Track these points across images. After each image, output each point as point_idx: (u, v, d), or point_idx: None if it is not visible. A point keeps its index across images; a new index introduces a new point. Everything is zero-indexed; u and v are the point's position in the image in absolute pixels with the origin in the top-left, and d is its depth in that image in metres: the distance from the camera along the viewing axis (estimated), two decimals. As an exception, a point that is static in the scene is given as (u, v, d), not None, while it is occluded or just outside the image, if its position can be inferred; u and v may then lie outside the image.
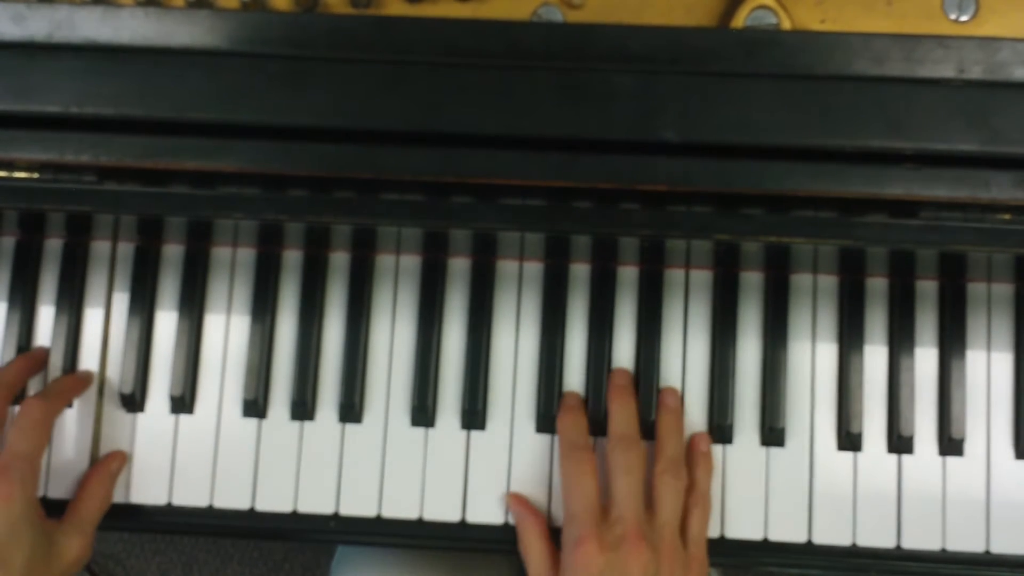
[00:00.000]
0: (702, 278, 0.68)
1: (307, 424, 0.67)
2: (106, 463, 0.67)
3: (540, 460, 0.66)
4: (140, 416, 0.68)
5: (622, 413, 0.65)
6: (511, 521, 0.65)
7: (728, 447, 0.66)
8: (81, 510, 0.65)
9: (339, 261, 0.69)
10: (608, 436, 0.64)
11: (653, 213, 0.58)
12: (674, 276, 0.68)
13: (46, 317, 0.69)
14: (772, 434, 0.66)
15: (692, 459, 0.65)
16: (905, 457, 0.66)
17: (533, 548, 0.63)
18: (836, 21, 0.58)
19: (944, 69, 0.53)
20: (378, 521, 0.66)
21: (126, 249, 0.69)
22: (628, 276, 0.68)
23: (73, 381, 0.67)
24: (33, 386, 0.68)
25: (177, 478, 0.67)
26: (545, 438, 0.67)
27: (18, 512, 0.59)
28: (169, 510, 0.67)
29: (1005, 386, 0.66)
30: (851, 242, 0.59)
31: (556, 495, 0.66)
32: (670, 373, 0.67)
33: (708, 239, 0.63)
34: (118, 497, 0.67)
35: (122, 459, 0.67)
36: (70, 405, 0.68)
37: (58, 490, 0.67)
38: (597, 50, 0.53)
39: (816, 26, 0.58)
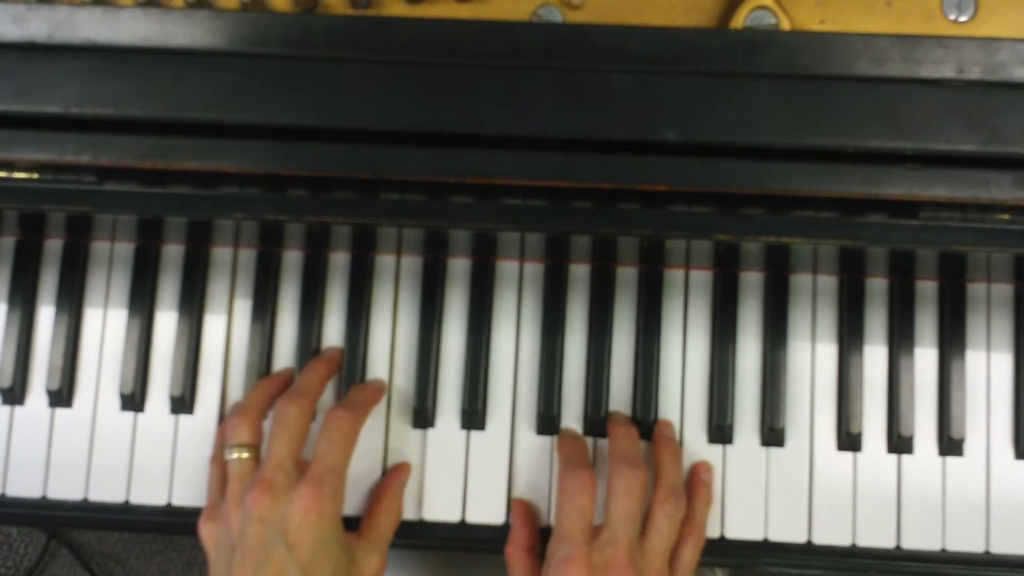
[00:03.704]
0: (702, 278, 0.68)
1: (307, 424, 0.67)
2: (396, 476, 0.65)
3: (540, 460, 0.66)
4: (140, 416, 0.68)
5: (625, 438, 0.64)
6: (511, 521, 0.65)
7: (728, 447, 0.66)
8: (379, 526, 0.63)
9: (339, 261, 0.69)
10: (611, 458, 0.63)
11: (653, 213, 0.58)
12: (674, 276, 0.68)
13: (46, 317, 0.69)
14: (772, 434, 0.66)
15: (692, 488, 0.64)
16: (905, 457, 0.66)
17: (516, 560, 0.63)
18: (835, 21, 0.58)
19: (943, 69, 0.53)
20: (378, 521, 0.66)
21: (126, 249, 0.69)
22: (628, 276, 0.68)
23: (371, 391, 0.66)
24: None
25: (177, 478, 0.67)
26: (545, 439, 0.67)
27: (327, 527, 0.58)
28: (169, 510, 0.67)
29: (1005, 386, 0.67)
30: (851, 242, 0.59)
31: (555, 496, 0.65)
32: (670, 373, 0.67)
33: (708, 239, 0.63)
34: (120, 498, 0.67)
35: (408, 470, 0.66)
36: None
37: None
38: (597, 50, 0.53)
39: (815, 26, 0.58)
